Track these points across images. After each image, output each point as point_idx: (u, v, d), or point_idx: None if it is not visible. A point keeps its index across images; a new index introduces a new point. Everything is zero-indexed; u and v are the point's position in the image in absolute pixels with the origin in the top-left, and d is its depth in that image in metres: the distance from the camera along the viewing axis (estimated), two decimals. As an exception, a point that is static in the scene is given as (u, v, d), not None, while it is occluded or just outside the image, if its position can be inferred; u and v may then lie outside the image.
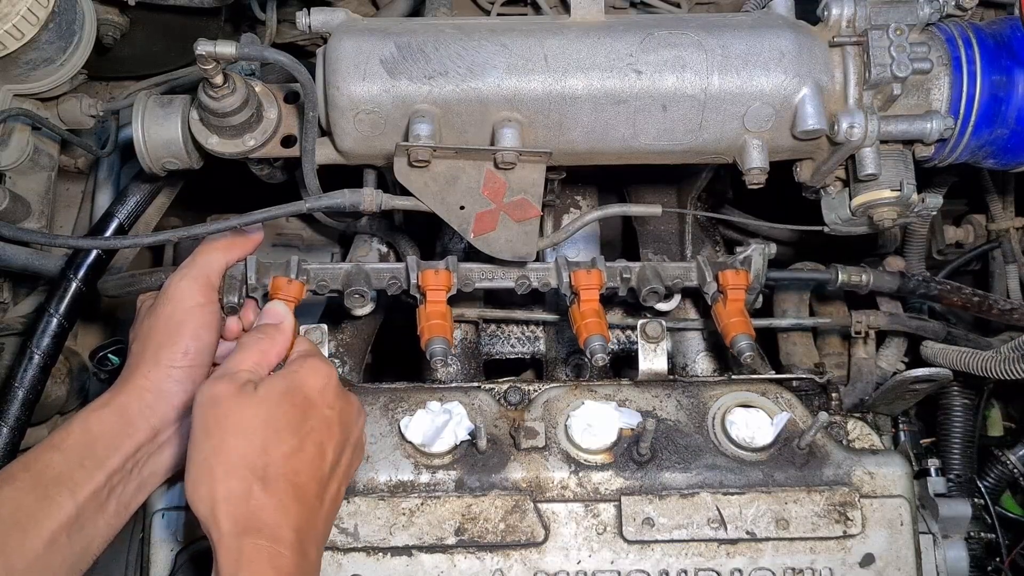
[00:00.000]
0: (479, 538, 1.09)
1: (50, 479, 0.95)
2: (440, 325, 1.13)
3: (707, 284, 1.20)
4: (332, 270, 1.18)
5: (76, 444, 0.98)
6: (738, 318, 1.18)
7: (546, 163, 1.10)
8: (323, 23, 1.11)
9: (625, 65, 1.09)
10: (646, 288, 1.19)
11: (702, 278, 1.21)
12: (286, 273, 1.15)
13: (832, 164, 1.15)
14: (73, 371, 1.67)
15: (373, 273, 1.19)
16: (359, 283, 1.16)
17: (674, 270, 1.22)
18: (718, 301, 1.20)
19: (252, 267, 1.15)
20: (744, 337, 1.16)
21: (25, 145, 1.43)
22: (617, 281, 1.20)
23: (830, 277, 1.36)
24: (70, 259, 1.37)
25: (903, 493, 1.11)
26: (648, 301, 1.20)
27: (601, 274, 1.17)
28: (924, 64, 1.08)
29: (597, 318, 1.15)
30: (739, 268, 1.21)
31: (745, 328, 1.17)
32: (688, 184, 1.49)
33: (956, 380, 1.50)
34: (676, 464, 1.12)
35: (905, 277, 1.40)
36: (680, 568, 1.08)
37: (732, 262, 1.22)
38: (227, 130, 1.13)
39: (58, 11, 1.28)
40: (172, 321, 1.05)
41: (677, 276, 1.22)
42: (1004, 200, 1.64)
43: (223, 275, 1.13)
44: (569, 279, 1.17)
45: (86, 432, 0.99)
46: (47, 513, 0.93)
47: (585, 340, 1.13)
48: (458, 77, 1.08)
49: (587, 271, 1.17)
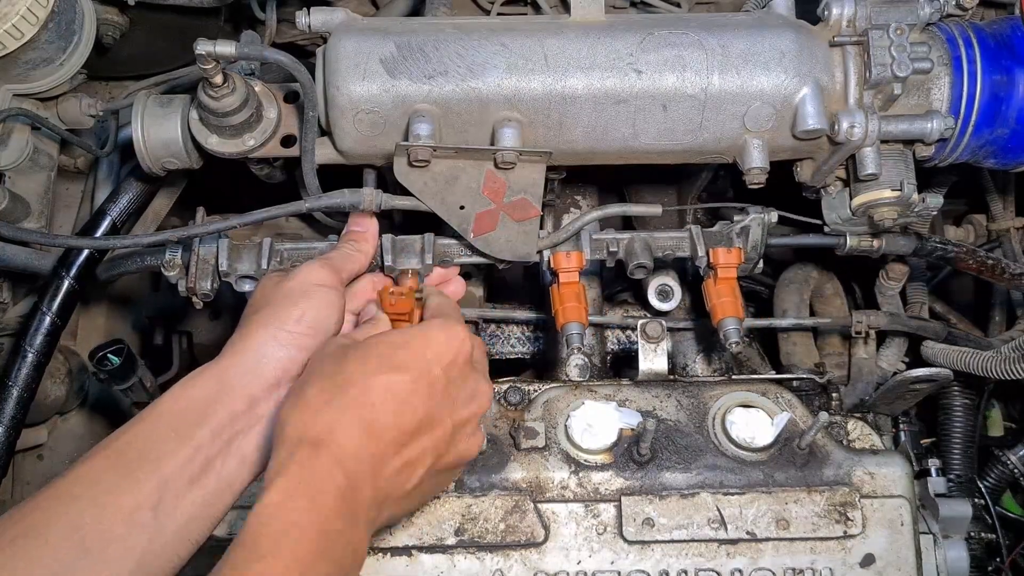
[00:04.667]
0: (479, 538, 1.08)
1: (133, 453, 0.87)
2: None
3: (699, 258, 1.17)
4: (306, 250, 1.17)
5: (165, 413, 0.90)
6: (727, 298, 1.14)
7: (546, 163, 1.10)
8: (323, 23, 1.11)
9: (625, 65, 1.09)
10: (633, 262, 1.15)
11: (694, 250, 1.17)
12: (259, 255, 1.14)
13: (832, 164, 1.15)
14: (73, 371, 1.67)
15: None
16: None
17: (666, 240, 1.19)
18: (709, 277, 1.17)
19: (224, 251, 1.14)
20: (732, 321, 1.13)
21: (25, 145, 1.42)
22: (603, 254, 1.17)
23: (838, 242, 1.29)
24: (62, 257, 1.37)
25: (903, 493, 1.11)
26: (635, 275, 1.17)
27: (581, 256, 1.14)
28: (924, 64, 1.08)
29: (576, 302, 1.12)
30: (733, 242, 1.17)
31: (734, 310, 1.13)
32: (688, 184, 1.49)
33: (956, 380, 1.50)
34: (676, 464, 1.12)
35: (922, 239, 1.33)
36: (680, 568, 1.08)
37: (728, 232, 1.19)
38: (227, 130, 1.13)
39: (58, 11, 1.28)
40: (292, 292, 0.98)
41: (669, 247, 1.19)
42: (1004, 200, 1.64)
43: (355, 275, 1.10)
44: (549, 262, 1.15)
45: (177, 400, 0.90)
46: (124, 488, 0.85)
47: (562, 326, 1.12)
48: (458, 77, 1.08)
49: (567, 253, 1.14)
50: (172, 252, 1.16)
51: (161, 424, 0.89)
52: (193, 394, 0.91)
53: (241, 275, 1.15)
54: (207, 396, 0.91)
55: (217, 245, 1.15)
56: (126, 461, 0.86)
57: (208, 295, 1.14)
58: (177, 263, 1.15)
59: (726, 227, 1.20)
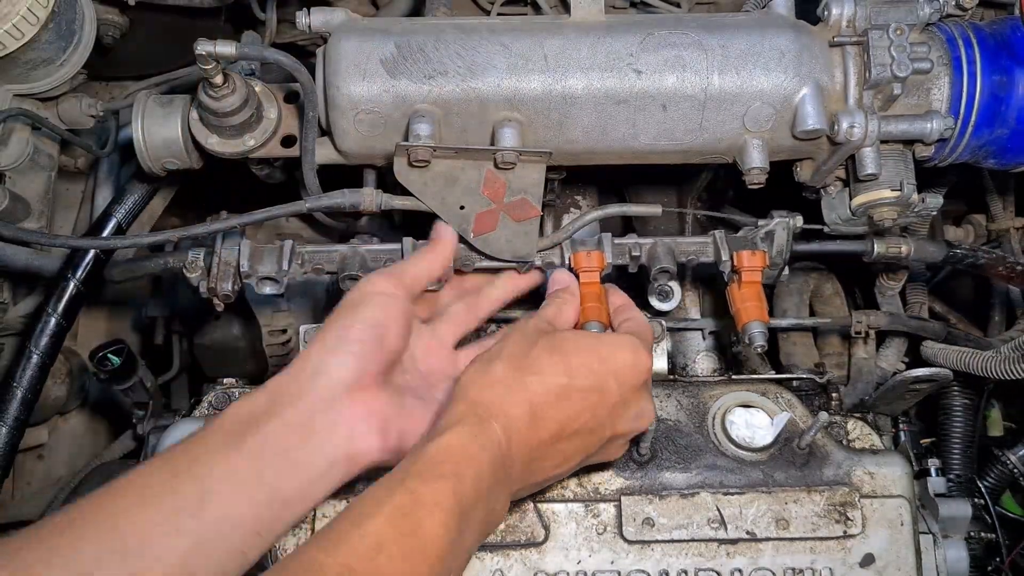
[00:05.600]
0: (479, 538, 1.08)
1: (183, 460, 0.87)
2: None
3: (723, 263, 1.16)
4: (327, 252, 1.16)
5: (223, 424, 0.90)
6: (753, 303, 1.13)
7: (546, 163, 1.10)
8: (323, 23, 1.11)
9: (625, 65, 1.09)
10: (656, 267, 1.15)
11: (718, 255, 1.16)
12: (280, 257, 1.14)
13: (832, 164, 1.15)
14: (73, 371, 1.67)
15: (369, 255, 1.16)
16: (354, 267, 1.14)
17: (689, 246, 1.18)
18: (733, 282, 1.16)
19: (245, 253, 1.14)
20: (757, 324, 1.12)
21: (25, 145, 1.43)
22: (626, 259, 1.17)
23: (866, 249, 1.26)
24: (68, 259, 1.37)
25: (903, 493, 1.11)
26: (659, 280, 1.16)
27: (602, 256, 1.13)
28: (924, 64, 1.08)
29: (597, 303, 1.11)
30: (758, 246, 1.16)
31: (759, 314, 1.12)
32: (688, 184, 1.49)
33: (956, 380, 1.50)
34: (676, 464, 1.12)
35: (952, 246, 1.31)
36: (680, 568, 1.08)
37: (753, 237, 1.18)
38: (227, 130, 1.13)
39: (58, 11, 1.28)
40: (350, 303, 0.99)
41: (692, 252, 1.18)
42: (1004, 200, 1.64)
43: (424, 285, 1.08)
44: (569, 261, 1.15)
45: (236, 411, 0.91)
46: (168, 491, 0.85)
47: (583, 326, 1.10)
48: (458, 77, 1.08)
49: (587, 252, 1.14)
50: (195, 254, 1.15)
51: (215, 434, 0.90)
52: (248, 407, 0.91)
53: (262, 276, 1.15)
54: (261, 408, 0.91)
55: (239, 247, 1.14)
56: (173, 466, 0.87)
57: (229, 296, 1.13)
58: (200, 265, 1.15)
59: (750, 232, 1.19)
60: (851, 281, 1.64)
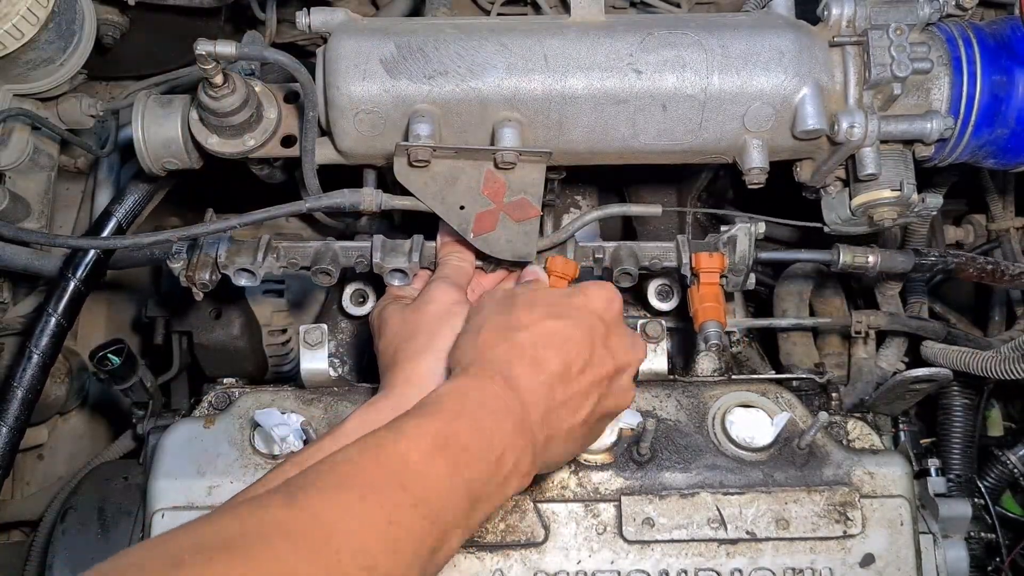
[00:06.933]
0: (479, 538, 1.08)
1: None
2: None
3: (683, 265, 1.18)
4: (301, 248, 1.18)
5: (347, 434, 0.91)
6: (710, 303, 1.15)
7: (546, 163, 1.10)
8: (323, 23, 1.11)
9: (625, 65, 1.09)
10: (618, 269, 1.17)
11: (679, 259, 1.18)
12: (256, 250, 1.16)
13: (832, 164, 1.15)
14: (73, 371, 1.67)
15: (341, 251, 1.17)
16: (325, 261, 1.15)
17: (653, 250, 1.20)
18: (693, 284, 1.18)
19: (223, 247, 1.16)
20: (713, 324, 1.13)
21: (25, 145, 1.43)
22: (590, 261, 1.19)
23: (832, 258, 1.27)
24: (68, 259, 1.37)
25: (903, 493, 1.11)
26: (620, 283, 1.17)
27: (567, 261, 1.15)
28: (924, 64, 1.08)
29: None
30: (718, 249, 1.17)
31: (715, 314, 1.14)
32: (688, 184, 1.49)
33: (956, 380, 1.50)
34: (676, 464, 1.12)
35: (920, 254, 1.30)
36: (680, 568, 1.08)
37: (715, 242, 1.19)
38: (227, 130, 1.13)
39: (58, 11, 1.28)
40: (439, 315, 1.04)
41: (656, 256, 1.20)
42: (1004, 200, 1.64)
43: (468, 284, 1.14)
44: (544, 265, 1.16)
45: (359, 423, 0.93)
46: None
47: None
48: (458, 77, 1.08)
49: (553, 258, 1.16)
50: (179, 246, 1.18)
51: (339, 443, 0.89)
52: (374, 418, 0.92)
53: (239, 268, 1.16)
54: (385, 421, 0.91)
55: (218, 240, 1.16)
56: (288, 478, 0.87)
57: (207, 286, 1.15)
58: (183, 256, 1.17)
59: (713, 237, 1.21)
60: (851, 281, 1.64)
